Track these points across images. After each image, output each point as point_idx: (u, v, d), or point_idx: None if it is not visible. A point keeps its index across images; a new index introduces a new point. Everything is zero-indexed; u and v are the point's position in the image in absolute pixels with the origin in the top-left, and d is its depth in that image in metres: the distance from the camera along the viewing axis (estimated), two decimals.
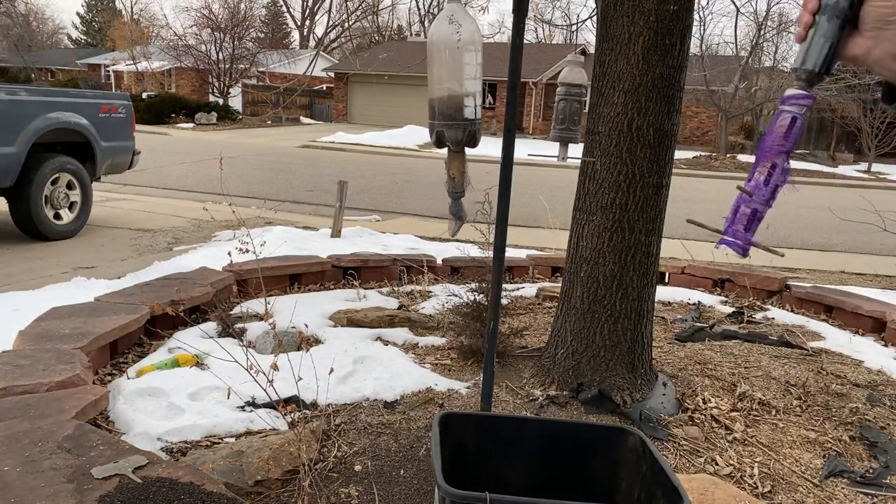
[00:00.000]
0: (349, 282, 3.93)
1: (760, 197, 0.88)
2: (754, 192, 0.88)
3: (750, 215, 0.89)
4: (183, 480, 1.58)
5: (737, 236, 0.90)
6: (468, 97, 1.57)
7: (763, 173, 0.87)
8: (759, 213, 0.89)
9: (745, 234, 0.90)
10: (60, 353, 2.28)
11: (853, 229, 7.22)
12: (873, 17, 0.72)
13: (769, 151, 0.86)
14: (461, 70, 1.55)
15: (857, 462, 2.15)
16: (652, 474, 1.22)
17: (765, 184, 0.87)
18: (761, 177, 0.88)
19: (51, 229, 4.91)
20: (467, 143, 1.63)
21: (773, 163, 0.86)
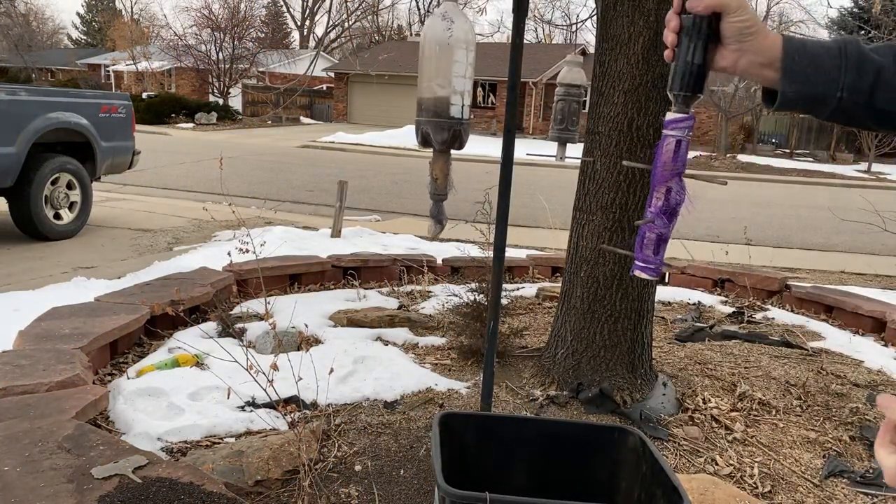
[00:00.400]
0: (349, 282, 3.93)
1: (662, 221, 0.91)
2: (655, 218, 0.90)
3: (656, 240, 0.92)
4: (183, 480, 1.58)
5: (647, 261, 0.94)
6: (456, 95, 1.56)
7: (660, 199, 0.89)
8: (663, 235, 0.92)
9: (655, 259, 0.93)
10: (60, 353, 2.28)
11: (853, 229, 7.22)
12: (733, 32, 0.76)
13: (661, 177, 0.88)
14: (450, 67, 1.54)
15: (857, 462, 2.15)
16: (652, 474, 1.22)
17: (663, 209, 0.90)
18: (659, 202, 0.90)
19: (51, 229, 4.91)
20: (452, 144, 1.62)
21: (667, 187, 0.88)
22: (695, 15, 0.78)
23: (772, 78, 0.75)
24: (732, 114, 19.18)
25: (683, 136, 0.86)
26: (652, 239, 0.92)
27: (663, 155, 0.87)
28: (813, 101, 0.74)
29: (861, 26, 12.03)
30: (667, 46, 0.81)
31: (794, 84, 0.74)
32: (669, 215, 0.90)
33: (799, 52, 0.74)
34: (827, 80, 0.72)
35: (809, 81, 0.73)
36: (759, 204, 10.53)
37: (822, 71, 0.73)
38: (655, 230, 0.91)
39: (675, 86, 0.82)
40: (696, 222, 7.87)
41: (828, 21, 23.68)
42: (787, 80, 0.74)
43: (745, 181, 14.68)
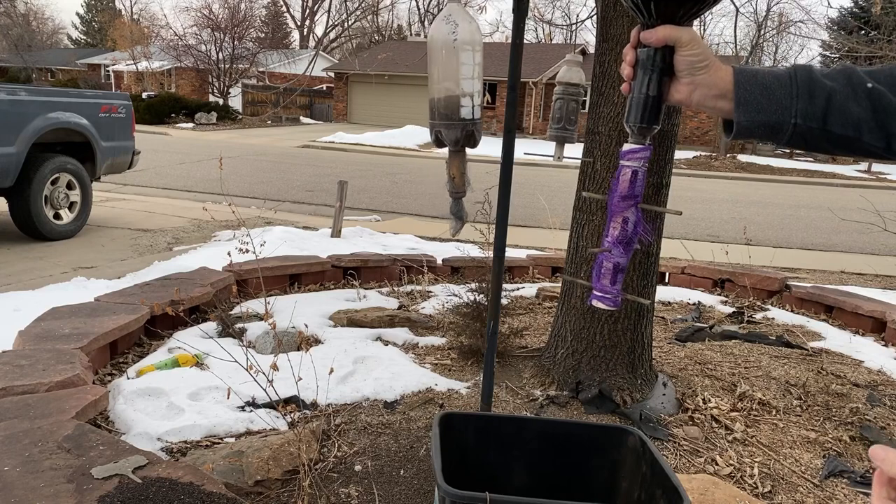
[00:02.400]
0: (349, 282, 3.93)
1: (618, 251, 0.91)
2: (612, 247, 0.91)
3: (613, 269, 0.92)
4: (183, 480, 1.58)
5: (605, 291, 0.93)
6: (465, 97, 1.57)
7: (617, 228, 0.90)
8: (620, 265, 0.92)
9: (612, 288, 0.93)
10: (60, 353, 2.28)
11: (853, 229, 7.22)
12: (685, 66, 0.78)
13: (618, 207, 0.88)
14: (457, 69, 1.55)
15: (858, 462, 2.15)
16: (652, 474, 1.22)
17: (620, 238, 0.90)
18: (616, 231, 0.90)
19: (51, 229, 4.91)
20: (465, 143, 1.63)
21: (623, 217, 0.89)
22: (649, 48, 0.80)
23: (727, 109, 0.77)
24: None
25: (640, 167, 0.86)
26: (609, 268, 0.92)
27: (620, 185, 0.87)
28: (768, 128, 0.75)
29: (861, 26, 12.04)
30: (623, 80, 0.84)
31: (748, 113, 0.75)
32: (626, 245, 0.90)
33: (750, 81, 0.76)
34: (779, 107, 0.74)
35: (763, 110, 0.75)
36: (759, 204, 10.53)
37: (774, 99, 0.74)
38: (612, 259, 0.91)
39: (632, 118, 0.83)
40: (695, 222, 7.87)
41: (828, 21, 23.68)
42: (741, 109, 0.75)
43: (745, 181, 14.68)
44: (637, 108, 0.82)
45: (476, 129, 1.62)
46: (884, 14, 10.29)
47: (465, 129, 1.60)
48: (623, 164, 0.87)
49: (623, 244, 0.90)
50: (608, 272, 0.92)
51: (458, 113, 1.58)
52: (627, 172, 0.86)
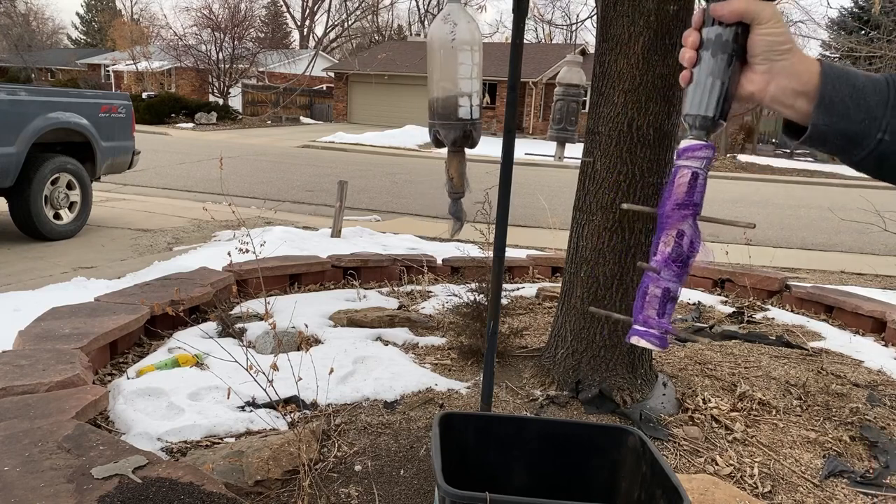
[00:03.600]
0: (349, 282, 3.93)
1: (670, 273, 0.73)
2: (662, 268, 0.74)
3: (661, 297, 0.74)
4: (183, 480, 1.58)
5: (649, 324, 0.75)
6: (463, 97, 1.57)
7: (669, 244, 0.73)
8: (671, 292, 0.74)
9: (660, 321, 0.75)
10: (60, 353, 2.28)
11: (853, 229, 7.22)
12: (762, 48, 0.64)
13: (672, 217, 0.73)
14: (455, 69, 1.55)
15: (858, 462, 2.15)
16: (652, 474, 1.22)
17: (673, 257, 0.73)
18: (667, 248, 0.73)
19: (51, 229, 4.91)
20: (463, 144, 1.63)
21: (678, 230, 0.73)
22: (719, 25, 0.66)
23: (804, 110, 0.64)
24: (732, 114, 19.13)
25: (701, 169, 0.71)
26: (656, 295, 0.74)
27: (676, 189, 0.72)
28: (847, 139, 0.63)
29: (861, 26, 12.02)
30: (684, 66, 0.70)
31: (830, 116, 0.62)
32: (680, 266, 0.73)
33: (840, 79, 0.62)
34: (868, 116, 0.61)
35: (848, 116, 0.62)
36: (760, 204, 10.53)
37: (864, 105, 0.61)
38: (662, 284, 0.74)
39: (700, 108, 0.69)
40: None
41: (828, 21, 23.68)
42: (822, 110, 0.62)
43: (746, 181, 14.68)
44: (705, 97, 0.69)
45: (474, 129, 1.62)
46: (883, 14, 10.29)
47: (463, 129, 1.60)
48: (680, 164, 0.72)
49: (677, 264, 0.73)
50: (655, 300, 0.74)
51: (456, 113, 1.58)
52: (686, 174, 0.71)
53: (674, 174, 0.73)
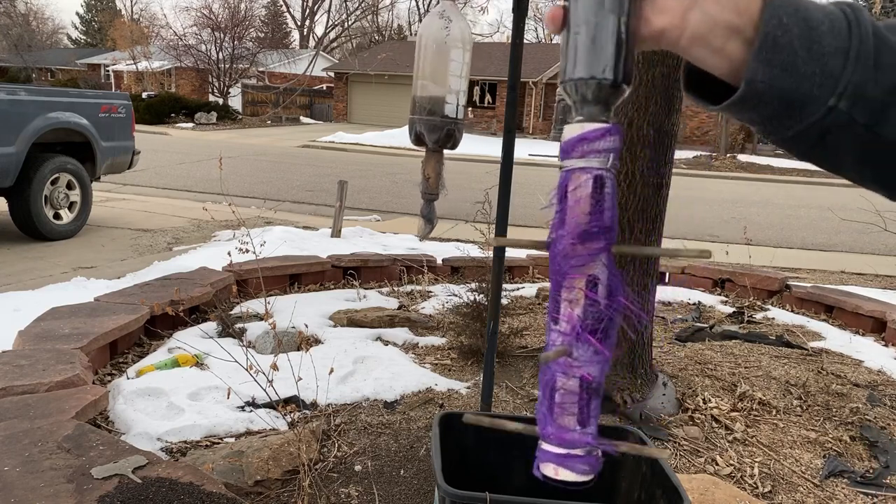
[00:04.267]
0: (349, 282, 3.93)
1: (586, 351, 0.47)
2: (573, 345, 0.47)
3: (580, 392, 0.48)
4: (183, 480, 1.58)
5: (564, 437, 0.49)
6: (451, 94, 1.56)
7: (576, 302, 0.47)
8: (593, 382, 0.48)
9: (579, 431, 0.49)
10: (60, 353, 2.28)
11: (854, 229, 7.22)
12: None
13: (573, 257, 0.47)
14: (446, 66, 1.54)
15: (858, 462, 2.15)
16: (652, 474, 1.22)
17: (586, 323, 0.47)
18: (575, 310, 0.47)
19: (51, 229, 4.91)
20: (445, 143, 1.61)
21: (587, 276, 0.47)
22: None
23: (737, 56, 0.43)
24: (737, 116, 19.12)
25: (607, 169, 0.46)
26: (572, 390, 0.48)
27: (573, 210, 0.46)
28: (786, 104, 0.43)
29: None
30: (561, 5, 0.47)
31: (771, 67, 0.42)
32: (601, 335, 0.47)
33: (789, 8, 0.42)
34: (822, 70, 0.41)
35: (795, 68, 0.41)
36: (760, 203, 10.53)
37: (818, 53, 0.41)
38: (576, 371, 0.47)
39: (581, 69, 0.45)
40: (696, 222, 7.87)
41: None
42: (764, 57, 0.42)
43: (746, 181, 14.68)
44: (589, 49, 0.45)
45: (458, 129, 1.61)
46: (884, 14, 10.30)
47: (447, 128, 1.58)
48: (571, 166, 0.47)
49: (596, 334, 0.47)
50: (570, 398, 0.48)
51: (442, 110, 1.57)
52: (584, 183, 0.46)
53: (562, 185, 0.47)
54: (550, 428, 0.50)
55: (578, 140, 0.46)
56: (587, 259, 0.47)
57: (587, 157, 0.46)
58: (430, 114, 1.57)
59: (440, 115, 1.56)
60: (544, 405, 0.50)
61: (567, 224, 0.47)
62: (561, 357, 0.48)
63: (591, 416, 0.49)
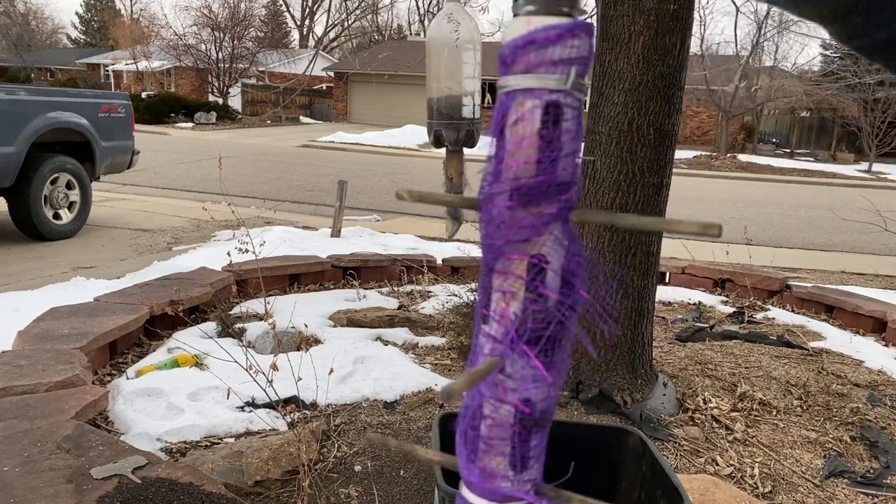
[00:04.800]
0: (349, 282, 3.93)
1: (523, 364, 0.35)
2: (504, 356, 0.35)
3: (514, 424, 0.36)
4: (182, 481, 1.58)
5: (489, 487, 0.37)
6: (466, 96, 1.57)
7: (512, 295, 0.35)
8: (534, 410, 0.35)
9: (511, 479, 0.37)
10: (60, 353, 2.28)
11: (854, 229, 7.22)
12: None
13: (508, 227, 0.34)
14: (459, 69, 1.55)
15: (858, 462, 2.14)
16: (652, 475, 1.22)
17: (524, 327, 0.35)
18: (511, 305, 0.35)
19: (50, 229, 4.91)
20: (465, 143, 1.62)
21: (531, 256, 0.34)
22: None
23: None
24: (733, 113, 19.16)
25: (564, 94, 0.33)
26: (503, 422, 0.36)
27: (511, 154, 0.34)
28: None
29: None
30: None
31: None
32: (547, 346, 0.35)
33: None
34: None
35: None
36: (760, 203, 10.52)
37: None
38: (509, 395, 0.35)
39: None
40: None
41: None
42: None
43: (746, 181, 14.68)
44: None
45: (476, 128, 1.62)
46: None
47: (465, 129, 1.59)
48: (512, 86, 0.34)
49: (534, 345, 0.35)
50: (499, 434, 0.36)
51: (460, 112, 1.57)
52: (529, 114, 0.34)
53: (499, 116, 0.35)
54: (472, 473, 0.35)
55: (524, 44, 0.32)
56: (530, 231, 0.33)
57: (536, 71, 0.32)
58: (449, 117, 1.57)
59: (458, 117, 1.57)
60: (465, 439, 0.35)
61: (503, 175, 0.33)
62: (490, 373, 0.34)
63: (529, 458, 0.35)
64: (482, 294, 0.36)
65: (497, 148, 0.34)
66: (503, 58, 0.33)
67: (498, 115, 0.33)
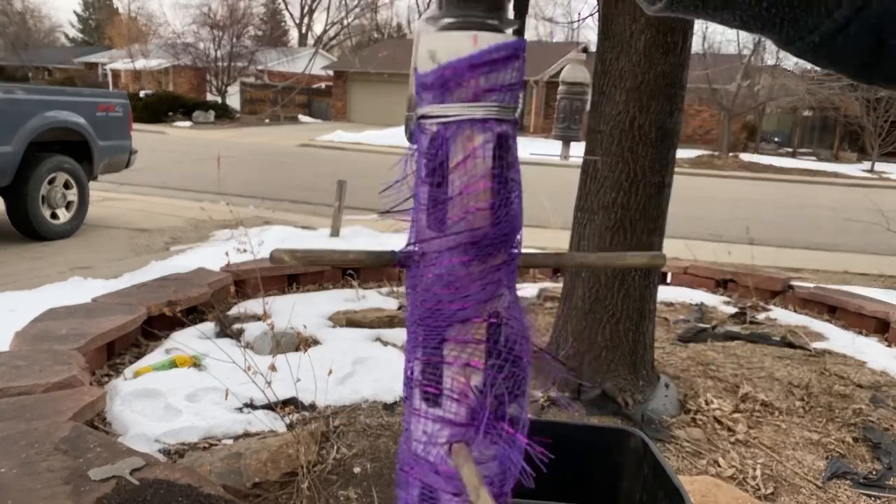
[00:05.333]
0: (348, 282, 3.91)
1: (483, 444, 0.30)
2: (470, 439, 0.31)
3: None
4: (180, 482, 1.57)
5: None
6: None
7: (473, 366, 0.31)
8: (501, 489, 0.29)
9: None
10: (57, 353, 2.26)
11: (857, 229, 7.20)
12: None
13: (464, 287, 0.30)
14: None
15: (861, 464, 2.13)
16: (654, 476, 1.21)
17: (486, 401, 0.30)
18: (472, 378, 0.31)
19: (48, 229, 4.89)
20: None
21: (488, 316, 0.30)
22: None
23: None
24: (735, 112, 19.13)
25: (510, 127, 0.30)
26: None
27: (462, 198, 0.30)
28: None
29: None
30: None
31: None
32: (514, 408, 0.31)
33: None
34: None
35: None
36: (762, 203, 10.51)
37: None
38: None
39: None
40: (698, 222, 7.85)
41: None
42: None
43: (748, 180, 14.67)
44: None
45: None
46: None
47: None
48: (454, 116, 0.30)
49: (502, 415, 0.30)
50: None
51: None
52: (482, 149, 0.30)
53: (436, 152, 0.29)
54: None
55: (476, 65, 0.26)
56: (493, 287, 0.27)
57: (486, 99, 0.27)
58: None
59: None
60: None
61: (450, 225, 0.28)
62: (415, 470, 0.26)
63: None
64: (423, 372, 0.28)
65: (435, 192, 0.27)
66: (442, 80, 0.27)
67: (433, 151, 0.26)
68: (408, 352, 0.29)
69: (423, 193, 0.29)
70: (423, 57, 0.29)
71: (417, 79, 0.30)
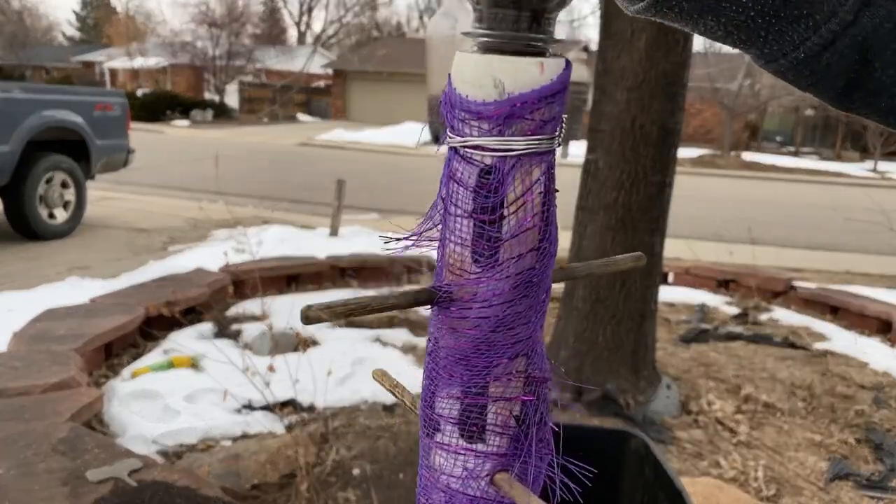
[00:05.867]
0: (348, 282, 3.90)
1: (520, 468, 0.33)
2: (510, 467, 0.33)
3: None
4: (179, 484, 1.55)
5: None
6: None
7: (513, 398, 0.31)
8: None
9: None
10: (55, 354, 2.25)
11: (859, 229, 7.19)
12: None
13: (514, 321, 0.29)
14: None
15: (863, 465, 2.12)
16: (655, 478, 1.20)
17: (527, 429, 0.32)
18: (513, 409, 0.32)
19: (45, 229, 4.87)
20: None
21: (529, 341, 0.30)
22: None
23: None
24: (737, 111, 19.12)
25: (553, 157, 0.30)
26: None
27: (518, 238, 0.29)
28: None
29: None
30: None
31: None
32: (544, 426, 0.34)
33: None
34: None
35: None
36: (764, 203, 10.51)
37: None
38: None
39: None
40: (699, 222, 7.85)
41: None
42: None
43: (750, 180, 14.67)
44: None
45: None
46: None
47: None
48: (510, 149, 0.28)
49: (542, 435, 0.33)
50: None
51: None
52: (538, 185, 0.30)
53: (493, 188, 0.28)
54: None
55: (543, 97, 0.25)
56: (537, 322, 0.27)
57: (542, 132, 0.26)
58: None
59: None
60: None
61: (503, 268, 0.27)
62: None
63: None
64: (466, 411, 0.28)
65: (482, 228, 0.26)
66: (510, 113, 0.24)
67: (488, 186, 0.25)
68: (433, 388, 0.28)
69: (466, 227, 0.27)
70: (483, 82, 0.27)
71: (466, 104, 0.28)
